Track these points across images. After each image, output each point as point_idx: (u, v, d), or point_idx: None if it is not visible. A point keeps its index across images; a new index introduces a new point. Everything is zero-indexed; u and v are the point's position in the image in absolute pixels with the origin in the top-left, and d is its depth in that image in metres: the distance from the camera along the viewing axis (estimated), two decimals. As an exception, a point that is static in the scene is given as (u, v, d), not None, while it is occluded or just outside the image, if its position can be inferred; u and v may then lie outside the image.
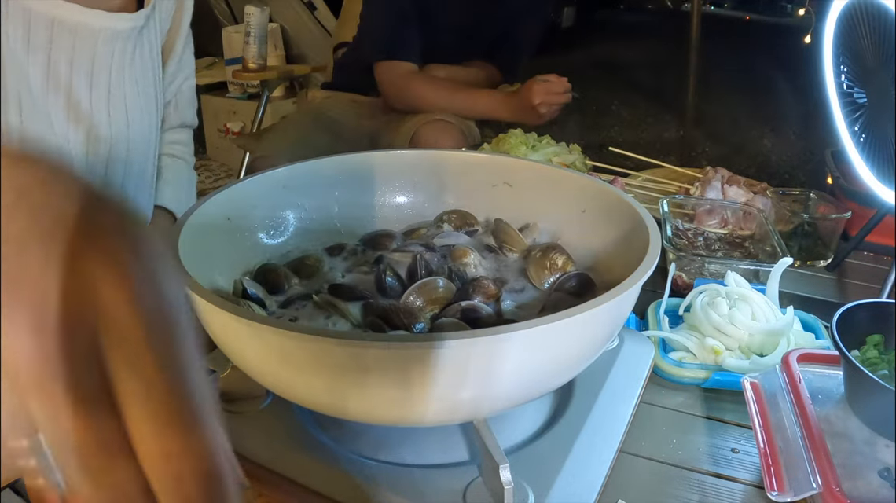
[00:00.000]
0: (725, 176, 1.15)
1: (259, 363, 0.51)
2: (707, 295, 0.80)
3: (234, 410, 0.60)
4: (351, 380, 0.46)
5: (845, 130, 0.94)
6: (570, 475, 0.54)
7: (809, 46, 1.51)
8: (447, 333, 0.43)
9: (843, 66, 0.96)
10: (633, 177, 1.25)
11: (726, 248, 1.01)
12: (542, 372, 0.49)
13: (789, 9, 3.87)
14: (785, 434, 0.60)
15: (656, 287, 0.85)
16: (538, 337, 0.45)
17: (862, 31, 0.90)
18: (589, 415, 0.60)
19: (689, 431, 0.67)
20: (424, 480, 0.53)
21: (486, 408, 0.51)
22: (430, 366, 0.44)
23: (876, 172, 0.90)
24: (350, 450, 0.56)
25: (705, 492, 0.60)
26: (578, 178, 0.72)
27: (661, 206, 1.03)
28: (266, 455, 0.55)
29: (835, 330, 0.59)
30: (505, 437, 0.56)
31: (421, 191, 0.77)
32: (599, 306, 0.47)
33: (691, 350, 0.75)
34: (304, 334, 0.44)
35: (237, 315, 0.45)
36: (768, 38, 5.20)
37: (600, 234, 0.67)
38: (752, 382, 0.68)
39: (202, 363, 0.23)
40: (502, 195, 0.75)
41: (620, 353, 0.68)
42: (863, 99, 0.94)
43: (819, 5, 2.16)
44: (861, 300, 0.63)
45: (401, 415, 0.50)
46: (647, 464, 0.63)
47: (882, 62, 0.87)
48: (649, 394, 0.71)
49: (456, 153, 0.79)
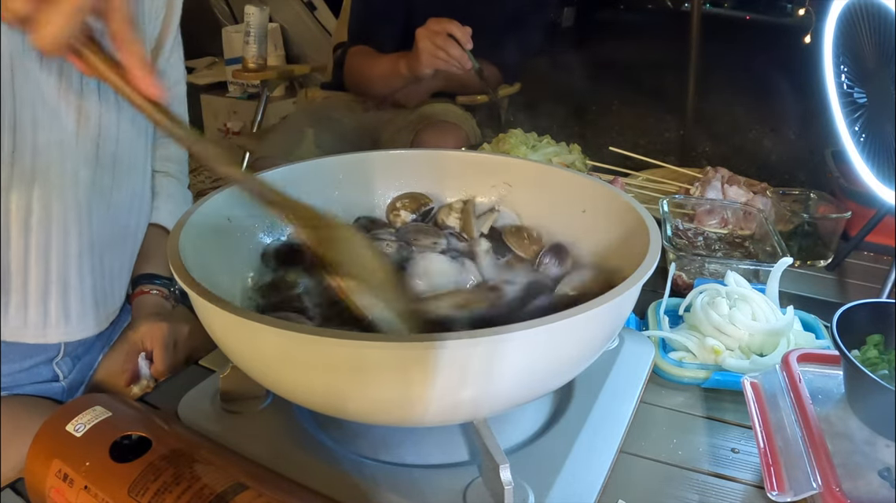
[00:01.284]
0: (725, 176, 1.15)
1: (259, 363, 0.51)
2: (707, 295, 0.80)
3: (234, 410, 0.60)
4: (351, 380, 0.46)
5: (845, 130, 0.94)
6: (571, 475, 0.54)
7: (809, 46, 1.51)
8: (447, 333, 0.43)
9: (843, 65, 0.96)
10: (633, 177, 1.25)
11: (726, 247, 1.01)
12: (543, 372, 0.49)
13: (789, 9, 3.87)
14: (785, 434, 0.60)
15: (656, 287, 0.85)
16: (538, 337, 0.45)
17: (862, 31, 0.90)
18: (589, 415, 0.60)
19: (689, 431, 0.67)
20: (424, 480, 0.53)
21: (486, 408, 0.51)
22: (430, 366, 0.44)
23: (876, 172, 0.90)
24: (350, 450, 0.56)
25: (705, 492, 0.60)
26: (578, 177, 0.72)
27: (661, 206, 1.03)
28: (266, 455, 0.55)
29: (835, 330, 0.59)
30: (505, 437, 0.56)
31: (421, 190, 0.77)
32: (599, 306, 0.47)
33: (691, 350, 0.75)
34: (305, 334, 0.44)
35: (237, 315, 0.45)
36: (768, 38, 5.20)
37: (600, 234, 0.67)
38: (753, 382, 0.68)
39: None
40: (502, 195, 0.75)
41: (620, 353, 0.68)
42: (863, 99, 0.94)
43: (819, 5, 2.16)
44: (861, 300, 0.63)
45: (401, 415, 0.50)
46: (647, 464, 0.63)
47: (882, 62, 0.87)
48: (649, 394, 0.71)
49: (456, 153, 0.79)
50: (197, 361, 0.76)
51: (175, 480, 0.47)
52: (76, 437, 0.51)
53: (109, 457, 0.49)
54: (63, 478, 0.49)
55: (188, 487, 0.47)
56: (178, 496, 0.46)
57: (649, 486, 0.60)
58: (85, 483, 0.48)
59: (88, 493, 0.48)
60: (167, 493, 0.46)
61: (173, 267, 0.51)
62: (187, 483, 0.47)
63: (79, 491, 0.48)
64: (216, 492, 0.46)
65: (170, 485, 0.47)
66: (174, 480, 0.47)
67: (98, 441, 0.50)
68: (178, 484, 0.47)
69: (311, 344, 0.44)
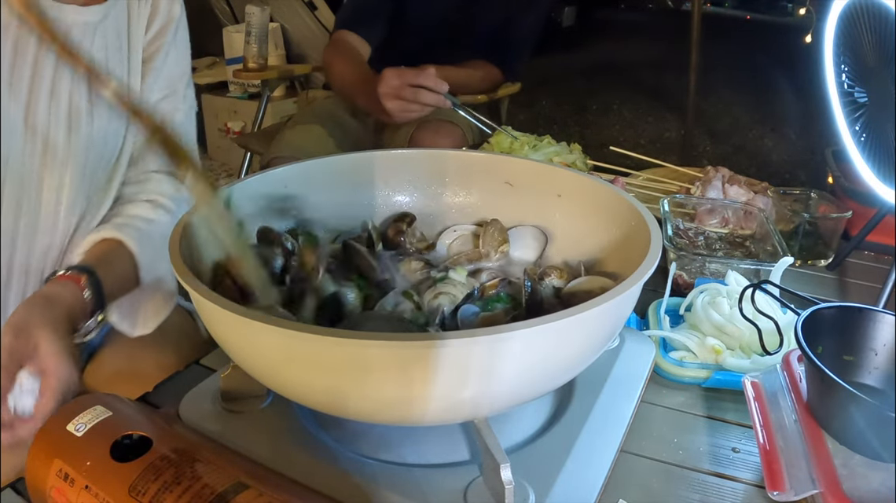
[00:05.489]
0: (726, 175, 1.15)
1: (260, 362, 0.51)
2: (708, 294, 0.80)
3: (235, 410, 0.60)
4: (351, 380, 0.46)
5: (846, 129, 0.94)
6: (571, 474, 0.54)
7: (810, 46, 1.51)
8: (447, 333, 0.43)
9: (843, 65, 0.96)
10: (633, 176, 1.25)
11: (727, 247, 1.01)
12: (543, 371, 0.50)
13: (790, 8, 3.87)
14: (785, 433, 0.60)
15: (657, 286, 0.85)
16: (539, 336, 0.45)
17: (862, 31, 0.90)
18: (590, 414, 0.60)
19: (689, 431, 0.67)
20: (425, 480, 0.53)
21: (486, 408, 0.51)
22: (430, 365, 0.44)
23: (876, 171, 0.90)
24: (350, 449, 0.56)
25: (706, 491, 0.60)
26: (579, 177, 0.72)
27: (661, 206, 1.03)
28: (266, 454, 0.55)
29: (799, 331, 0.59)
30: (506, 437, 0.56)
31: (421, 190, 0.77)
32: (600, 306, 0.47)
33: (692, 349, 0.75)
34: (305, 333, 0.44)
35: (238, 314, 0.45)
36: (769, 38, 5.19)
37: (601, 234, 0.67)
38: (753, 382, 0.68)
39: None
40: (502, 195, 0.75)
41: (621, 353, 0.68)
42: (863, 98, 0.94)
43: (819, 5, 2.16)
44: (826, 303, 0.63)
45: (401, 415, 0.50)
46: (647, 464, 0.63)
47: (882, 61, 0.87)
48: (650, 394, 0.71)
49: (456, 153, 0.79)
50: (198, 361, 0.76)
51: (176, 480, 0.47)
52: (77, 437, 0.51)
53: (110, 456, 0.49)
54: (64, 477, 0.49)
55: (189, 487, 0.47)
56: (178, 495, 0.46)
57: (650, 486, 0.60)
58: (86, 482, 0.48)
59: (89, 493, 0.48)
60: (168, 493, 0.46)
61: (174, 267, 0.51)
62: (188, 482, 0.47)
63: (79, 490, 0.48)
64: (217, 492, 0.46)
65: (170, 485, 0.47)
66: (175, 480, 0.47)
67: (99, 440, 0.50)
68: (179, 483, 0.47)
69: (311, 343, 0.44)
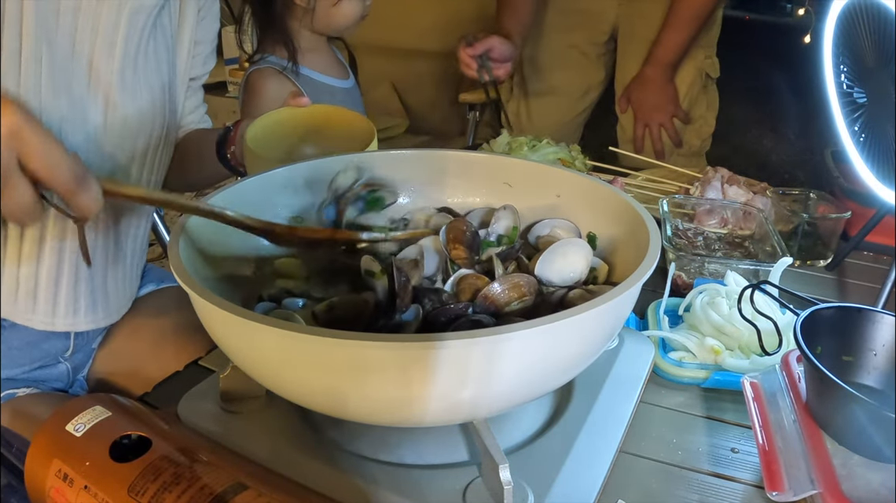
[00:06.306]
0: (725, 176, 1.15)
1: (259, 363, 0.51)
2: (707, 295, 0.80)
3: (234, 410, 0.60)
4: (351, 380, 0.46)
5: (845, 130, 0.94)
6: (570, 475, 0.54)
7: (809, 46, 1.51)
8: (447, 333, 0.43)
9: (842, 65, 0.96)
10: (632, 176, 1.25)
11: (726, 247, 1.01)
12: (542, 372, 0.49)
13: (789, 8, 3.86)
14: (785, 434, 0.60)
15: (656, 287, 0.85)
16: (538, 337, 0.45)
17: (862, 31, 0.90)
18: (589, 414, 0.60)
19: (688, 431, 0.67)
20: (424, 480, 0.53)
21: (485, 408, 0.51)
22: (430, 366, 0.44)
23: (876, 172, 0.90)
24: (350, 450, 0.56)
25: (705, 491, 0.60)
26: (578, 178, 0.72)
27: (660, 206, 1.03)
28: (266, 455, 0.55)
29: (798, 332, 0.59)
30: (505, 437, 0.56)
31: (421, 190, 0.77)
32: (599, 306, 0.47)
33: (691, 350, 0.75)
34: (305, 334, 0.44)
35: (237, 315, 0.45)
36: (768, 38, 5.19)
37: (600, 234, 0.67)
38: (752, 382, 0.68)
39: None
40: (502, 195, 0.75)
41: (620, 353, 0.68)
42: (863, 98, 0.94)
43: (819, 5, 2.16)
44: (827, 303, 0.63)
45: (401, 415, 0.50)
46: (646, 464, 0.63)
47: (882, 62, 0.87)
48: (649, 394, 0.71)
49: (457, 153, 0.79)
50: (197, 361, 0.76)
51: (175, 480, 0.47)
52: (76, 437, 0.51)
53: (109, 456, 0.49)
54: (63, 477, 0.49)
55: (188, 487, 0.47)
56: (178, 496, 0.46)
57: (649, 486, 0.60)
58: (85, 483, 0.48)
59: (88, 493, 0.48)
60: (167, 493, 0.46)
61: (173, 267, 0.51)
62: (187, 483, 0.47)
63: (79, 490, 0.48)
64: (216, 492, 0.46)
65: (170, 485, 0.47)
66: (174, 480, 0.47)
67: (98, 441, 0.50)
68: (178, 483, 0.47)
69: (310, 343, 0.44)
